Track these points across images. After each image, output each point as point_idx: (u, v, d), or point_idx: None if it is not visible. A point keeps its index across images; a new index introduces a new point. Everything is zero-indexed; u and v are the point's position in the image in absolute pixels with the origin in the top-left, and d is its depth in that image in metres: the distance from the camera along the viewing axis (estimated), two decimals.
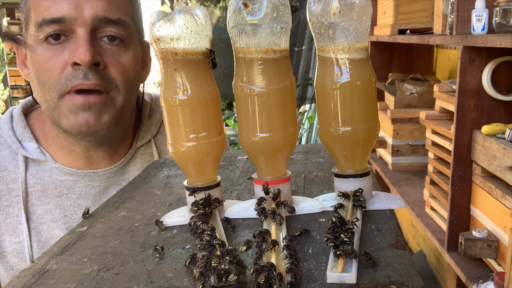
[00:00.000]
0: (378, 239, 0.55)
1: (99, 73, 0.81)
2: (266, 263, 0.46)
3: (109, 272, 0.52)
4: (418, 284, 0.45)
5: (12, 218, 0.90)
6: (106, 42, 0.83)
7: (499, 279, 0.93)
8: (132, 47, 0.87)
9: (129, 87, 0.87)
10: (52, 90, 0.82)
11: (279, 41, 0.60)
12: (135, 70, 0.88)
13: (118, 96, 0.85)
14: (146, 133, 0.98)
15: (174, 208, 0.71)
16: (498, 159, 1.07)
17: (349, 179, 0.63)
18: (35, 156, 0.90)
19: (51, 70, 0.81)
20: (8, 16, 7.69)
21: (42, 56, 0.82)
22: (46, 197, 0.91)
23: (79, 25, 0.80)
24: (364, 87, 0.61)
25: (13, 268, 0.91)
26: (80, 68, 0.80)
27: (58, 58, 0.81)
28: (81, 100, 0.81)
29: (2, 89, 6.47)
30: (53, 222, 0.91)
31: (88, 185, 0.93)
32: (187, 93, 0.61)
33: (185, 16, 0.59)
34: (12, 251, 0.90)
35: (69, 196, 0.91)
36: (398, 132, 1.88)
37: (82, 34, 0.80)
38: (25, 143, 0.91)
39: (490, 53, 1.15)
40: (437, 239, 1.36)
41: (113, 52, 0.84)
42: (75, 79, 0.80)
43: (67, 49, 0.81)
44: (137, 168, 0.97)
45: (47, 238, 0.90)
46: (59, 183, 0.91)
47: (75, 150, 0.91)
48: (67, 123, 0.84)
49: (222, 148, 0.65)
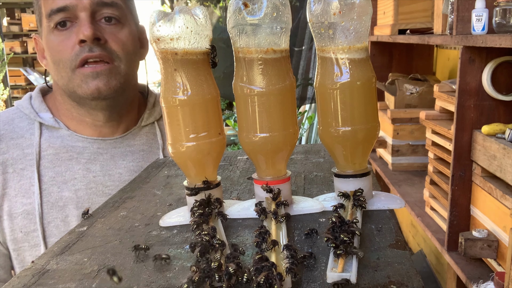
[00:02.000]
0: (378, 239, 0.55)
1: (101, 46, 0.95)
2: (267, 263, 0.46)
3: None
4: (418, 284, 0.45)
5: (25, 180, 0.99)
6: (104, 23, 0.97)
7: (499, 279, 0.93)
8: (127, 26, 1.00)
9: (129, 58, 1.00)
10: (66, 66, 0.96)
11: (279, 41, 0.60)
12: (132, 44, 1.01)
13: (121, 65, 0.98)
14: (150, 116, 1.11)
15: (174, 208, 0.71)
16: (498, 159, 1.07)
17: (349, 179, 0.63)
18: (50, 123, 1.03)
19: (63, 51, 0.96)
20: (8, 16, 7.69)
21: (54, 41, 0.97)
22: (57, 160, 1.01)
23: (80, 10, 0.95)
24: (364, 87, 0.61)
25: (21, 231, 0.98)
26: (85, 44, 0.94)
27: (68, 40, 0.96)
28: (89, 70, 0.95)
29: (2, 89, 6.47)
30: (63, 184, 1.00)
31: (97, 152, 1.03)
32: (187, 93, 0.61)
33: (185, 16, 0.59)
34: (22, 213, 0.98)
35: (79, 160, 1.01)
36: (398, 132, 1.88)
37: (84, 17, 0.95)
38: (41, 114, 1.04)
39: (490, 53, 1.15)
40: (437, 239, 1.36)
41: (111, 30, 0.98)
42: (82, 53, 0.94)
43: (74, 32, 0.96)
44: (142, 143, 1.08)
45: (56, 199, 0.99)
46: (70, 148, 1.02)
47: (85, 120, 1.04)
48: (82, 91, 0.96)
49: (222, 148, 0.65)
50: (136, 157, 1.05)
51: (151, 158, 1.06)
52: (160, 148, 1.08)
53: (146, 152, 1.06)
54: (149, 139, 1.09)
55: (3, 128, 1.04)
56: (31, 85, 7.44)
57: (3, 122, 1.04)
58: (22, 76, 7.43)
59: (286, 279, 0.45)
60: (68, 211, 0.98)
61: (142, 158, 1.05)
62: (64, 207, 0.98)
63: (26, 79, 7.47)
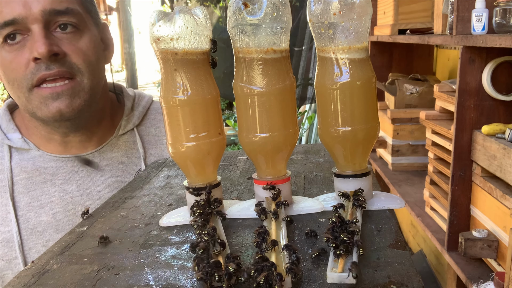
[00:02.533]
0: (378, 239, 0.55)
1: (60, 61, 0.86)
2: (267, 263, 0.46)
3: (109, 272, 0.52)
4: (418, 284, 0.45)
5: (1, 207, 0.93)
6: (60, 32, 0.87)
7: (499, 279, 0.93)
8: (87, 32, 0.91)
9: (92, 69, 0.90)
10: (21, 86, 0.87)
11: (279, 41, 0.60)
12: (94, 52, 0.91)
13: (83, 79, 0.89)
14: (129, 122, 1.02)
15: (174, 208, 0.71)
16: (498, 159, 1.07)
17: (349, 179, 0.63)
18: (19, 145, 0.95)
19: (16, 69, 0.87)
20: None
21: (6, 57, 0.87)
22: (31, 185, 0.94)
23: (31, 22, 0.85)
24: (364, 87, 0.61)
25: (3, 259, 0.93)
26: (41, 62, 0.85)
27: (20, 57, 0.86)
28: (48, 91, 0.86)
29: (2, 89, 6.47)
30: (40, 208, 0.93)
31: (71, 170, 0.96)
32: (187, 93, 0.61)
33: (185, 16, 0.59)
34: (2, 241, 0.93)
35: (53, 182, 0.95)
36: (398, 132, 1.88)
37: (37, 30, 0.85)
38: (9, 134, 0.97)
39: (490, 53, 1.15)
40: (437, 239, 1.36)
41: (69, 39, 0.88)
42: (39, 72, 0.85)
43: (27, 46, 0.86)
44: (121, 155, 0.99)
45: (35, 224, 0.93)
46: (43, 170, 0.95)
47: (54, 137, 0.96)
48: (41, 114, 0.88)
49: (222, 148, 0.65)
50: (115, 171, 0.97)
51: (132, 170, 0.98)
52: (141, 158, 1.00)
53: (126, 164, 0.98)
54: (128, 149, 1.01)
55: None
56: None
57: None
58: None
59: (286, 279, 0.45)
60: (48, 235, 0.93)
61: (122, 172, 0.97)
62: (43, 232, 0.92)
63: None
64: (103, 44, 0.96)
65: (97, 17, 0.96)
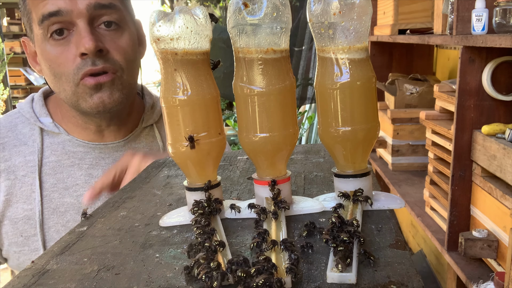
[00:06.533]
0: (378, 239, 0.55)
1: (104, 58, 0.91)
2: (267, 263, 0.46)
3: (109, 272, 0.52)
4: (418, 284, 0.45)
5: (27, 186, 0.98)
6: (104, 29, 0.92)
7: (499, 279, 0.93)
8: (127, 29, 0.96)
9: (131, 66, 0.97)
10: (68, 80, 0.92)
11: (279, 41, 0.60)
12: (133, 49, 0.97)
13: (123, 76, 0.95)
14: (149, 118, 1.09)
15: (174, 208, 0.71)
16: (498, 159, 1.07)
17: (349, 179, 0.63)
18: (50, 128, 1.01)
19: (63, 64, 0.91)
20: (8, 16, 7.69)
21: (52, 52, 0.92)
22: (59, 167, 1.00)
23: (76, 16, 0.89)
24: (364, 87, 0.61)
25: (22, 235, 0.98)
26: (87, 57, 0.90)
27: (67, 52, 0.90)
28: (93, 82, 0.92)
29: (2, 89, 6.47)
30: (65, 190, 0.99)
31: (98, 157, 1.02)
32: (187, 93, 0.61)
33: (185, 16, 0.59)
34: (23, 218, 0.98)
35: (80, 166, 1.01)
36: (398, 132, 1.88)
37: (82, 25, 0.89)
38: (41, 118, 1.03)
39: (490, 53, 1.15)
40: (437, 239, 1.36)
41: (112, 37, 0.93)
42: (85, 67, 0.90)
43: (72, 42, 0.90)
44: (142, 146, 1.07)
45: (58, 205, 0.98)
46: (71, 154, 1.01)
47: (90, 127, 1.02)
48: (86, 105, 0.94)
49: (222, 148, 0.65)
50: None
51: None
52: (160, 150, 1.07)
53: None
54: (149, 142, 1.08)
55: (7, 135, 1.03)
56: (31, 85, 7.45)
57: (6, 129, 1.03)
58: (22, 76, 7.44)
59: (286, 279, 0.45)
60: (69, 216, 0.97)
61: None
62: (65, 213, 0.97)
63: (26, 79, 7.47)
64: (138, 40, 1.02)
65: (133, 14, 1.01)
